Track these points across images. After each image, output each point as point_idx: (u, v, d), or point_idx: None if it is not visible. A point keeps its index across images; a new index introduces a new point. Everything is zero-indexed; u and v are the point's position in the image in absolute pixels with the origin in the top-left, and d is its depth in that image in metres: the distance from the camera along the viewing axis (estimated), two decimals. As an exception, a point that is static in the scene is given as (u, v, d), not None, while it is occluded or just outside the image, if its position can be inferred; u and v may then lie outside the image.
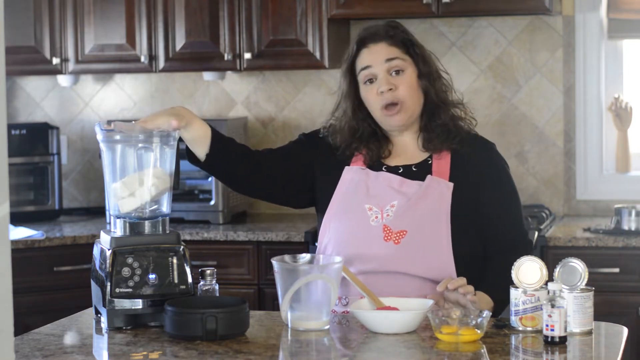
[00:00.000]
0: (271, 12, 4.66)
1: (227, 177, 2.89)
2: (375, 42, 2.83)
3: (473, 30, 4.81)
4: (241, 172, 2.85)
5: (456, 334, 2.39)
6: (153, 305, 2.57)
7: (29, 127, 4.92)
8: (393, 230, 2.73)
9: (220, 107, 5.10)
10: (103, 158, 2.68)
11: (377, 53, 2.82)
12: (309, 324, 2.51)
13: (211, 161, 2.80)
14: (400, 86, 2.79)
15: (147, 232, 2.64)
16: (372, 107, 2.83)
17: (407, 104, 2.80)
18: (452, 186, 2.77)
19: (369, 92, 2.82)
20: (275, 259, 2.55)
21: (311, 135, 2.97)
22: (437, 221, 2.73)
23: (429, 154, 2.84)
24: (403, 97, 2.79)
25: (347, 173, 2.85)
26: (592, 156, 4.75)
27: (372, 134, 2.86)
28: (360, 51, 2.84)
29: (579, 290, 2.48)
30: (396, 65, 2.80)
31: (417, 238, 2.72)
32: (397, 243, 2.72)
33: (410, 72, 2.82)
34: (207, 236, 4.47)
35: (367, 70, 2.82)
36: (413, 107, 2.81)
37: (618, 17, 4.80)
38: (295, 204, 2.98)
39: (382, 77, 2.80)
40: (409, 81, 2.81)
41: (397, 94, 2.79)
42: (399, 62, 2.81)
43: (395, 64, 2.80)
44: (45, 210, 4.91)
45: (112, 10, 4.81)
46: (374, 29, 2.85)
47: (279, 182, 2.89)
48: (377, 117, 2.83)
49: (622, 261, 4.13)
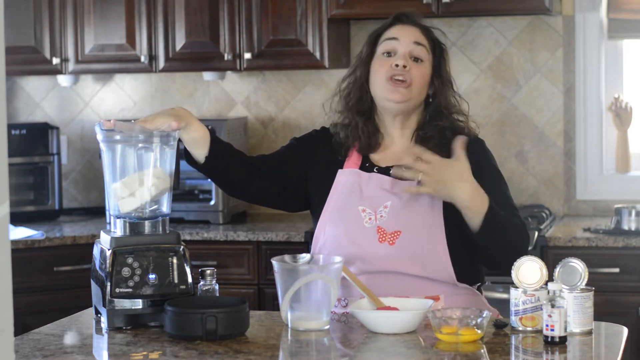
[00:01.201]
0: (271, 12, 4.66)
1: (223, 180, 2.90)
2: (411, 23, 2.88)
3: (473, 30, 4.81)
4: (238, 176, 2.86)
5: (456, 334, 2.39)
6: (153, 305, 2.57)
7: (29, 127, 4.92)
8: (387, 231, 2.73)
9: (220, 107, 5.10)
10: (103, 158, 2.68)
11: (409, 31, 2.86)
12: (309, 324, 2.51)
13: (209, 163, 2.80)
14: (415, 69, 2.81)
15: (147, 232, 2.64)
16: (378, 77, 2.84)
17: (414, 86, 2.81)
18: None
19: (383, 63, 2.84)
20: (275, 259, 2.55)
21: (303, 139, 2.97)
22: (430, 220, 2.73)
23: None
24: (414, 77, 2.81)
25: (341, 176, 2.85)
26: (592, 156, 4.76)
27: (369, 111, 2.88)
28: (393, 25, 2.89)
29: (579, 290, 2.48)
30: (419, 52, 2.84)
31: (412, 238, 2.72)
32: (392, 244, 2.72)
33: (427, 65, 2.85)
34: (207, 236, 4.47)
35: (392, 42, 2.85)
36: (417, 93, 2.82)
37: (618, 17, 4.80)
38: (290, 208, 2.99)
39: (402, 53, 2.83)
40: (423, 71, 2.84)
41: (410, 73, 2.81)
42: (424, 50, 2.85)
43: (420, 51, 2.84)
44: (45, 210, 4.91)
45: (112, 10, 4.81)
46: (415, 13, 2.93)
47: (273, 186, 2.89)
48: (378, 91, 2.84)
49: (622, 261, 4.14)
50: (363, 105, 2.88)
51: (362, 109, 2.88)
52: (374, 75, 2.85)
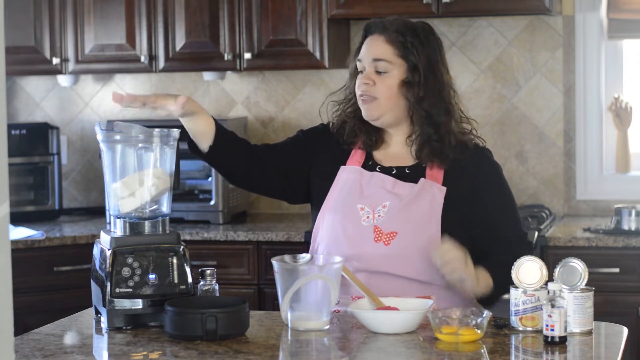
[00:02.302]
0: (271, 12, 4.66)
1: (226, 170, 2.90)
2: (379, 32, 2.83)
3: (473, 30, 4.81)
4: (241, 165, 2.86)
5: (456, 334, 2.39)
6: (153, 305, 2.57)
7: (29, 127, 4.92)
8: (384, 231, 2.73)
9: (220, 107, 5.10)
10: (103, 158, 2.68)
11: (371, 47, 2.82)
12: (309, 324, 2.51)
13: (213, 154, 2.81)
14: (379, 84, 2.80)
15: (147, 232, 2.64)
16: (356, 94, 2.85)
17: (381, 101, 2.80)
18: (445, 190, 2.76)
19: (357, 80, 2.85)
20: (275, 259, 2.55)
21: (309, 132, 2.97)
22: (427, 224, 2.73)
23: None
24: (378, 94, 2.79)
25: (343, 172, 2.85)
26: (592, 156, 4.76)
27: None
28: (365, 38, 2.87)
29: (579, 290, 2.48)
30: (382, 67, 2.80)
31: (407, 240, 2.71)
32: (387, 244, 2.72)
33: (394, 74, 2.79)
34: (207, 236, 4.47)
35: (359, 62, 2.85)
36: (388, 107, 2.79)
37: (618, 17, 4.80)
38: (291, 198, 2.98)
39: (367, 71, 2.83)
40: (389, 82, 2.79)
41: (373, 89, 2.80)
42: (385, 64, 2.80)
43: (382, 65, 2.80)
44: (45, 210, 4.91)
45: (112, 10, 4.81)
46: (382, 20, 2.85)
47: (276, 176, 2.90)
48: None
49: (622, 261, 4.14)
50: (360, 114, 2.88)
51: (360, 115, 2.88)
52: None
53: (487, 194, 2.81)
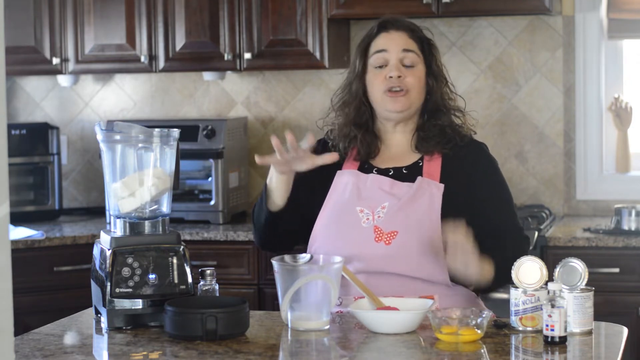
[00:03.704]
0: (271, 12, 4.66)
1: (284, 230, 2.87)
2: (397, 28, 2.86)
3: (473, 30, 4.81)
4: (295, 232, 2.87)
5: (456, 334, 2.39)
6: (153, 305, 2.57)
7: (29, 127, 4.92)
8: (384, 231, 2.73)
9: (220, 107, 5.10)
10: (103, 158, 2.68)
11: (396, 40, 2.85)
12: (309, 324, 2.51)
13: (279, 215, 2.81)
14: (409, 76, 2.82)
15: (147, 232, 2.64)
16: (375, 91, 2.84)
17: (412, 93, 2.82)
18: (442, 187, 2.77)
19: (377, 76, 2.84)
20: (275, 259, 2.55)
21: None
22: (428, 222, 2.73)
23: (419, 155, 2.84)
24: (410, 85, 2.81)
25: (339, 176, 2.85)
26: (592, 156, 4.76)
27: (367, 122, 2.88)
28: (379, 34, 2.87)
29: (579, 290, 2.48)
30: (410, 59, 2.83)
31: (408, 238, 2.72)
32: (388, 244, 2.72)
33: (420, 68, 2.85)
34: (207, 236, 4.47)
35: (382, 54, 2.84)
36: (416, 99, 2.83)
37: (618, 17, 4.80)
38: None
39: (394, 63, 2.83)
40: (418, 75, 2.84)
41: (405, 81, 2.81)
42: (414, 56, 2.84)
43: (410, 57, 2.83)
44: (45, 210, 4.91)
45: (112, 10, 4.81)
46: (398, 18, 2.89)
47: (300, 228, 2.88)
48: (377, 103, 2.84)
49: (622, 261, 4.14)
50: (362, 118, 2.87)
51: (361, 121, 2.87)
52: (371, 89, 2.86)
53: (484, 189, 2.82)
